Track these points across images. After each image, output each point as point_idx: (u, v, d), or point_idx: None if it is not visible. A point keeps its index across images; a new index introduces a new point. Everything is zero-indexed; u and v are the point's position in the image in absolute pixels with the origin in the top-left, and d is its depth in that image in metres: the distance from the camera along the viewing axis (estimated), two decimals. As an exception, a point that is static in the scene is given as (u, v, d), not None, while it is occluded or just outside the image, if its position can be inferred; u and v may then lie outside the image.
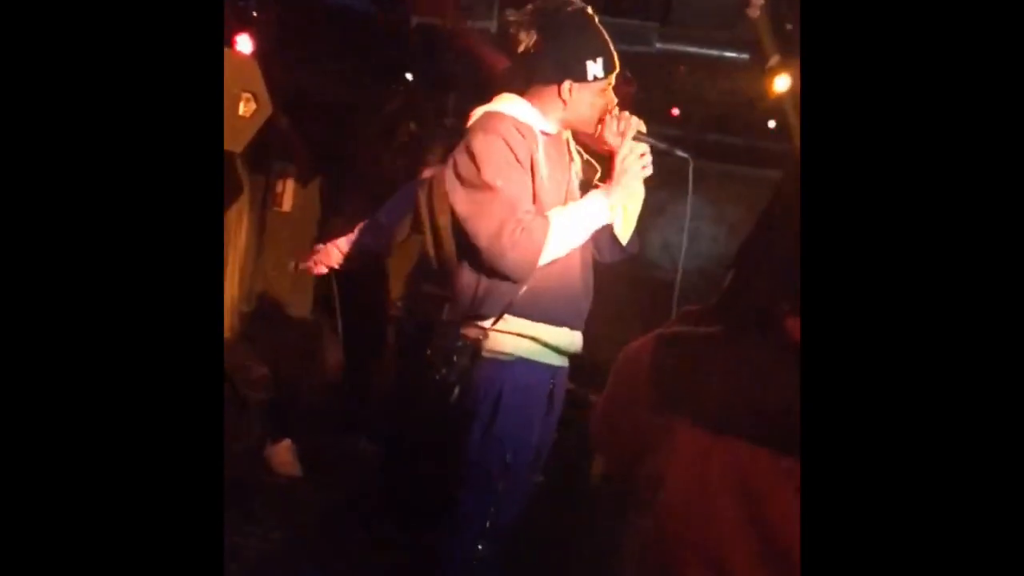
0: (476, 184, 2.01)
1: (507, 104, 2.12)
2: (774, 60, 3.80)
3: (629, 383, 1.31)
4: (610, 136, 2.14)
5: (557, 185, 2.13)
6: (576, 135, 2.26)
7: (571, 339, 2.20)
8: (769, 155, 4.81)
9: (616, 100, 2.16)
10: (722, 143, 5.00)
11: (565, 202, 2.13)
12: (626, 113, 2.14)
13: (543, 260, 2.04)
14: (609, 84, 2.13)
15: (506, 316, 2.08)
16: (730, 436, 1.10)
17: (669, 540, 1.16)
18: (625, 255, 2.32)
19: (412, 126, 4.47)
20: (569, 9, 2.09)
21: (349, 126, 4.50)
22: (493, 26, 4.03)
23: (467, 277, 2.11)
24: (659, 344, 1.26)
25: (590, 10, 2.12)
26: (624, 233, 2.27)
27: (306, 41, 4.05)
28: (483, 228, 2.00)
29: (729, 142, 5.00)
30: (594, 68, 2.07)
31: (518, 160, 2.02)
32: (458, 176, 2.05)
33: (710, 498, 1.10)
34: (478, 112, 2.14)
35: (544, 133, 2.12)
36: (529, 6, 2.12)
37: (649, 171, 2.16)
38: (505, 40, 2.17)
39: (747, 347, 1.15)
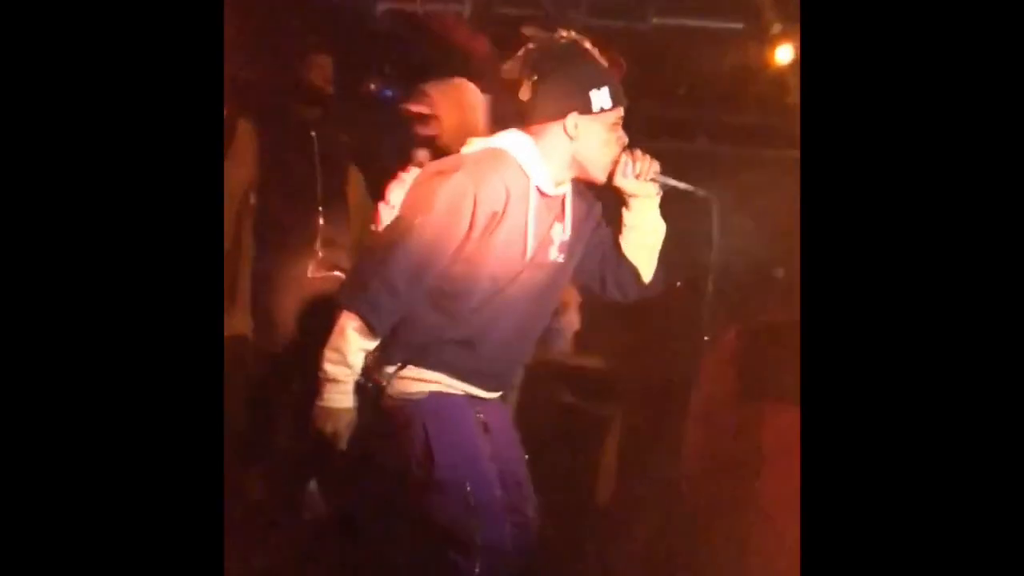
0: (410, 217, 1.89)
1: (511, 140, 1.94)
2: (776, 28, 3.41)
3: (717, 380, 1.54)
4: (622, 179, 1.98)
5: (511, 247, 1.92)
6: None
7: (482, 393, 1.99)
8: (788, 134, 4.37)
9: (627, 139, 1.95)
10: (735, 123, 4.57)
11: (524, 256, 1.93)
12: (640, 152, 1.97)
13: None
14: (618, 120, 1.95)
15: (409, 366, 1.91)
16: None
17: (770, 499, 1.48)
18: (649, 293, 2.17)
19: None
20: (562, 41, 1.92)
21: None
22: (466, 9, 3.77)
23: None
24: (739, 339, 1.49)
25: (587, 43, 1.94)
26: (647, 271, 2.12)
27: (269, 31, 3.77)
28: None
29: (742, 122, 4.56)
30: (600, 98, 1.89)
31: (472, 218, 1.85)
32: (410, 197, 1.95)
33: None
34: (479, 144, 1.98)
35: (541, 192, 1.93)
36: (520, 51, 1.94)
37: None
38: (506, 88, 2.03)
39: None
